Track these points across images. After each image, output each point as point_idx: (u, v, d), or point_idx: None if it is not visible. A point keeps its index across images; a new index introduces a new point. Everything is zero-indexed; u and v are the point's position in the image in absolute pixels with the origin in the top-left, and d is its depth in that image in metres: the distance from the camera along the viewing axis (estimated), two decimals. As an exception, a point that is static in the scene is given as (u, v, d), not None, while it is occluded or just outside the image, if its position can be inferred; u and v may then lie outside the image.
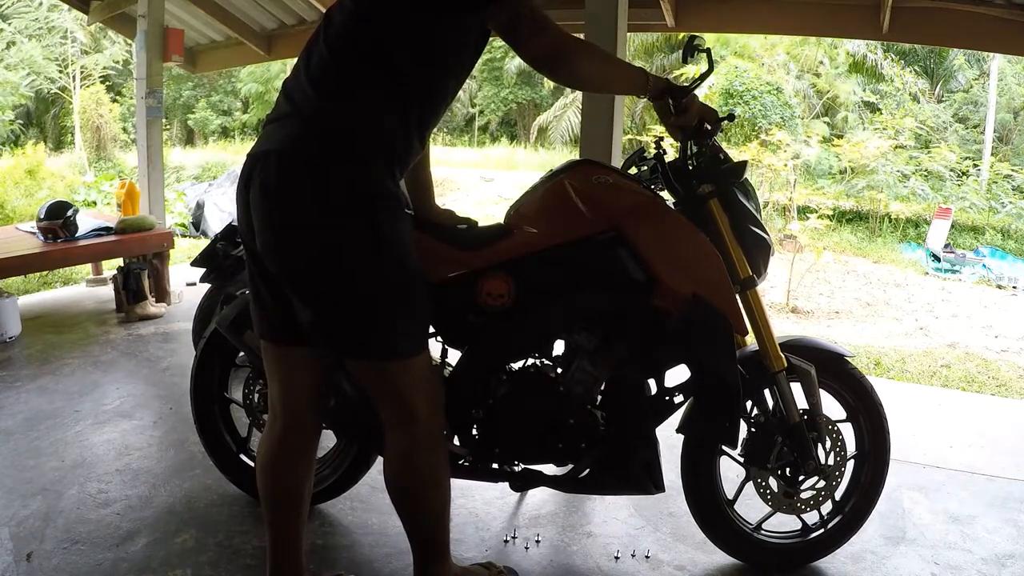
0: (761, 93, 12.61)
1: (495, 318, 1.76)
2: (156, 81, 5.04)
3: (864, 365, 5.17)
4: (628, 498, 2.33)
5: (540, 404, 1.80)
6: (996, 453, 2.88)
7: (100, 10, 5.86)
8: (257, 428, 2.24)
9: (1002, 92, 17.17)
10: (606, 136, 3.35)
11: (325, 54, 1.47)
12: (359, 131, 1.43)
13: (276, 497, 1.67)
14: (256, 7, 5.97)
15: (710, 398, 1.81)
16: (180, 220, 9.39)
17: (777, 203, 10.12)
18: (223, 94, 23.94)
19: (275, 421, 1.66)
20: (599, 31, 3.27)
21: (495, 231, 1.81)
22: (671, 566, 2.04)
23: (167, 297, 4.51)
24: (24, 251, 3.95)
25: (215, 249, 2.23)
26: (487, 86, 22.89)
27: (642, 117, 15.53)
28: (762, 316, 1.85)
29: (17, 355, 3.63)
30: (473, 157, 18.64)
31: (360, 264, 1.43)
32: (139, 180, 5.17)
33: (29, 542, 2.05)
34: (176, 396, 3.10)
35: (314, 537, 2.09)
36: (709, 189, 1.81)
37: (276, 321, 1.56)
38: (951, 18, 4.18)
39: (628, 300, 1.75)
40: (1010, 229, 11.96)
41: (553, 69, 1.55)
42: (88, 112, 16.64)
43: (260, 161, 1.44)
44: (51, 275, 6.05)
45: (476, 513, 2.27)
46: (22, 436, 2.71)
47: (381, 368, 1.51)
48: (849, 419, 2.00)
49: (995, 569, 2.09)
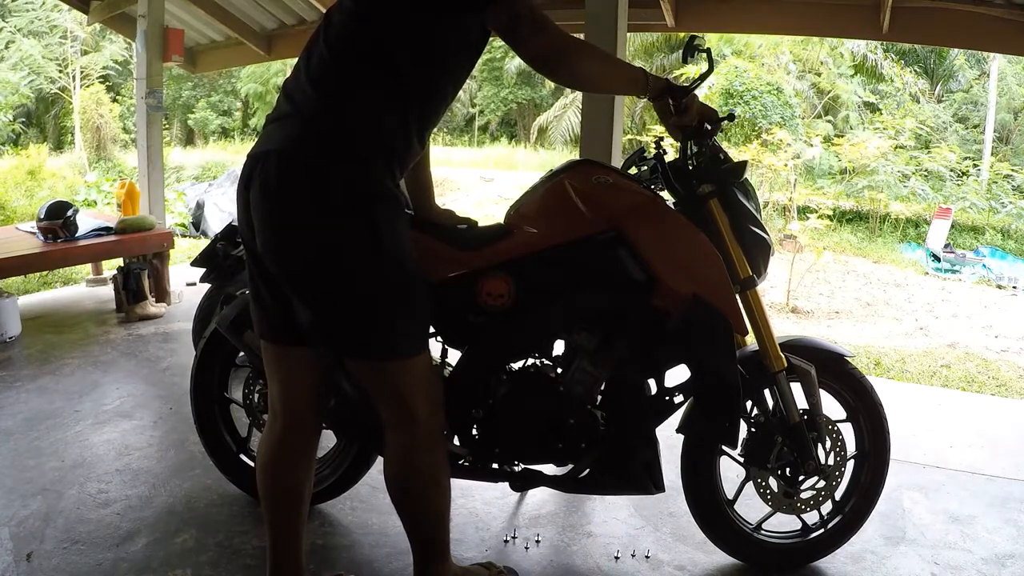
0: (761, 93, 12.60)
1: (495, 318, 1.76)
2: (156, 81, 5.04)
3: (864, 365, 5.17)
4: (628, 498, 2.33)
5: (540, 404, 1.80)
6: (996, 453, 2.88)
7: (100, 10, 5.86)
8: (257, 428, 2.24)
9: (1002, 92, 17.17)
10: (606, 136, 3.35)
11: (325, 54, 1.47)
12: (359, 131, 1.43)
13: (276, 497, 1.67)
14: (256, 7, 5.97)
15: (710, 398, 1.81)
16: (180, 220, 9.39)
17: (777, 203, 10.12)
18: (223, 94, 23.95)
19: (275, 421, 1.66)
20: (599, 31, 3.27)
21: (495, 231, 1.81)
22: (671, 566, 2.04)
23: (167, 297, 4.51)
24: (24, 251, 3.95)
25: (215, 249, 2.22)
26: (487, 86, 22.89)
27: (642, 117, 15.52)
28: (762, 316, 1.85)
29: (17, 355, 3.63)
30: (473, 157, 18.64)
31: (360, 264, 1.43)
32: (139, 180, 5.17)
33: (29, 542, 2.05)
34: (176, 396, 3.10)
35: (314, 537, 2.09)
36: (709, 189, 1.81)
37: (276, 321, 1.56)
38: (951, 18, 4.18)
39: (628, 300, 1.75)
40: (1010, 229, 11.96)
41: (553, 69, 1.55)
42: (88, 112, 16.64)
43: (260, 161, 1.44)
44: (51, 275, 6.04)
45: (476, 513, 2.27)
46: (22, 436, 2.72)
47: (381, 368, 1.51)
48: (849, 419, 2.00)
49: (995, 569, 2.09)
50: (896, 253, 10.56)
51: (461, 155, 19.09)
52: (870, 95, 15.66)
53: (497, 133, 23.57)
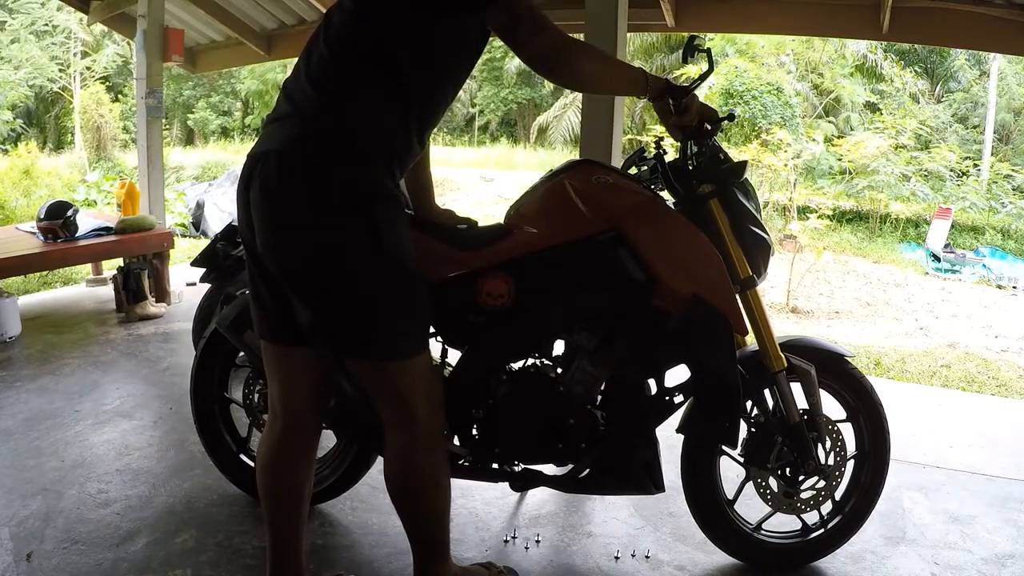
0: (761, 93, 12.61)
1: (495, 318, 1.76)
2: (156, 81, 5.04)
3: (864, 365, 5.17)
4: (628, 498, 2.33)
5: (540, 404, 1.80)
6: (996, 453, 2.88)
7: (100, 10, 5.86)
8: (257, 428, 2.24)
9: (1002, 92, 17.17)
10: (606, 136, 3.35)
11: (325, 54, 1.47)
12: (359, 131, 1.43)
13: (276, 497, 1.66)
14: (256, 7, 5.97)
15: (710, 398, 1.81)
16: (180, 220, 9.39)
17: (777, 203, 10.12)
18: (223, 94, 23.95)
19: (275, 421, 1.66)
20: (599, 31, 3.27)
21: (495, 231, 1.81)
22: (671, 566, 2.04)
23: (167, 297, 4.51)
24: (24, 251, 3.95)
25: (215, 249, 2.22)
26: (487, 86, 22.90)
27: (642, 117, 15.53)
28: (762, 316, 1.85)
29: (17, 355, 3.63)
30: (473, 157, 18.64)
31: (360, 264, 1.43)
32: (139, 180, 5.17)
33: (29, 542, 2.05)
34: (176, 396, 3.10)
35: (314, 537, 2.09)
36: (709, 189, 1.81)
37: (276, 321, 1.56)
38: (951, 18, 4.18)
39: (628, 300, 1.75)
40: (1010, 229, 11.96)
41: (552, 69, 1.54)
42: (88, 112, 16.64)
43: (260, 161, 1.44)
44: (51, 275, 6.04)
45: (476, 513, 2.27)
46: (22, 436, 2.71)
47: (381, 368, 1.51)
48: (849, 419, 2.00)
49: (995, 569, 2.09)
50: (896, 253, 10.56)
51: (461, 155, 19.09)
52: (870, 95, 15.66)
53: (497, 133, 23.58)
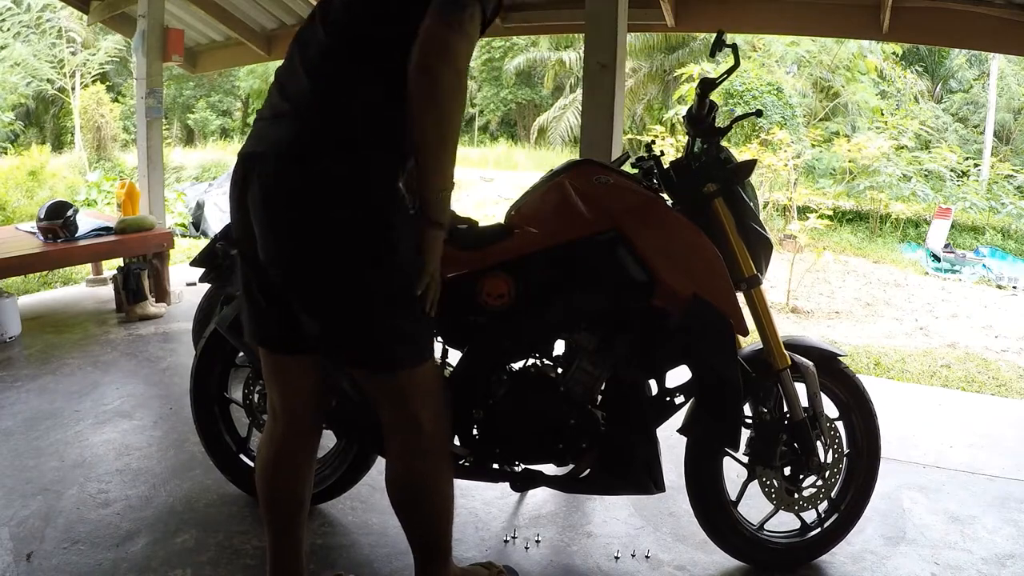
0: (761, 93, 12.60)
1: (495, 318, 1.76)
2: (156, 81, 5.03)
3: (864, 365, 5.17)
4: (628, 498, 2.33)
5: (540, 404, 1.80)
6: (996, 453, 2.87)
7: (100, 10, 5.85)
8: (257, 428, 2.24)
9: (1002, 92, 17.17)
10: (606, 136, 3.35)
11: (324, 47, 1.42)
12: (360, 130, 1.39)
13: (276, 499, 1.66)
14: (256, 7, 5.96)
15: (711, 399, 1.81)
16: (180, 220, 9.38)
17: (777, 203, 10.11)
18: (223, 94, 23.93)
19: (275, 423, 1.65)
20: (599, 31, 3.27)
21: (495, 231, 1.81)
22: (671, 566, 2.04)
23: (167, 297, 4.51)
24: (24, 251, 3.95)
25: (215, 249, 2.22)
26: (487, 86, 22.89)
27: (642, 118, 15.52)
28: (766, 314, 1.85)
29: (17, 355, 3.63)
30: (473, 157, 18.63)
31: (373, 271, 1.40)
32: (139, 180, 5.16)
33: (29, 542, 2.05)
34: (176, 396, 3.10)
35: (314, 537, 2.09)
36: (714, 188, 1.82)
37: (274, 330, 1.53)
38: (951, 18, 4.17)
39: (628, 300, 1.75)
40: (1010, 229, 11.96)
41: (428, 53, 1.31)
42: (88, 112, 16.61)
43: (256, 163, 1.40)
44: (51, 275, 6.04)
45: (476, 513, 2.27)
46: (22, 436, 2.71)
47: (390, 377, 1.49)
48: (841, 417, 2.01)
49: (995, 569, 2.09)
50: (896, 253, 10.56)
51: (461, 155, 18.92)
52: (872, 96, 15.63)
53: (497, 133, 23.55)
